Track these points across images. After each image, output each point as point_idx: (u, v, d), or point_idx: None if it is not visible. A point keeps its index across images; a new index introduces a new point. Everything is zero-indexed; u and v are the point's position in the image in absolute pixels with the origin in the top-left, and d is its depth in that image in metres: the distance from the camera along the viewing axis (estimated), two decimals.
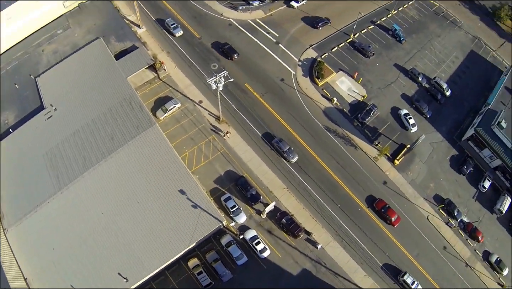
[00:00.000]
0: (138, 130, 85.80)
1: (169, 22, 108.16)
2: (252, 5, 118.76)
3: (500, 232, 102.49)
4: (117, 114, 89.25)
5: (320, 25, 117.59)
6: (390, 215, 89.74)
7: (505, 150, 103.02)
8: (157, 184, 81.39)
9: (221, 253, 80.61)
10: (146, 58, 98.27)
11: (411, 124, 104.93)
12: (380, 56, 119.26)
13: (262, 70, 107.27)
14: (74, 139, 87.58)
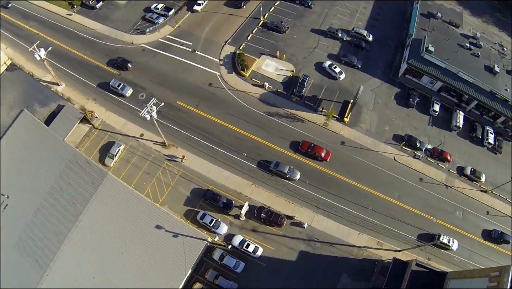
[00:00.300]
0: (95, 185, 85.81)
1: (114, 84, 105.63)
2: (158, 23, 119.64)
3: (464, 145, 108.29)
4: (69, 178, 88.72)
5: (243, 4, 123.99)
6: (319, 152, 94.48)
7: (441, 70, 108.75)
8: (133, 229, 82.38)
9: (219, 268, 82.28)
10: (75, 114, 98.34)
11: (338, 73, 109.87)
12: (295, 27, 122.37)
13: (189, 83, 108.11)
14: (37, 219, 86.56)
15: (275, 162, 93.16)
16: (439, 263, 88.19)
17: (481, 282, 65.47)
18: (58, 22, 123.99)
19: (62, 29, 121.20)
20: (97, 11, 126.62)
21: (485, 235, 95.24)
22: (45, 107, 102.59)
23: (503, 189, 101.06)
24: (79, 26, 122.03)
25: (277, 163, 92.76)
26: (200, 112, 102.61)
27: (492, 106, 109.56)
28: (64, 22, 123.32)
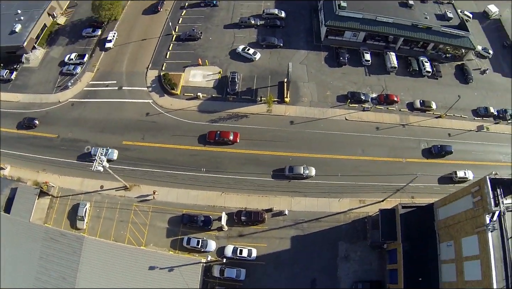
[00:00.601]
0: (77, 253, 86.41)
1: (95, 152, 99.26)
2: (77, 73, 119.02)
3: (406, 82, 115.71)
4: (50, 256, 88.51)
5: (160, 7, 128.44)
6: (225, 136, 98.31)
7: (360, 21, 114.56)
8: (128, 279, 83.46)
9: (223, 283, 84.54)
10: (31, 191, 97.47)
11: (252, 54, 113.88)
12: (209, 30, 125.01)
13: (127, 120, 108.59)
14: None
15: (289, 167, 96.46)
16: (423, 197, 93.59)
17: (467, 201, 69.87)
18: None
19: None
20: (14, 82, 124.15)
21: (427, 153, 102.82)
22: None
23: (456, 108, 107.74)
24: (2, 104, 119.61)
25: (291, 168, 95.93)
26: (148, 144, 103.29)
27: (418, 38, 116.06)
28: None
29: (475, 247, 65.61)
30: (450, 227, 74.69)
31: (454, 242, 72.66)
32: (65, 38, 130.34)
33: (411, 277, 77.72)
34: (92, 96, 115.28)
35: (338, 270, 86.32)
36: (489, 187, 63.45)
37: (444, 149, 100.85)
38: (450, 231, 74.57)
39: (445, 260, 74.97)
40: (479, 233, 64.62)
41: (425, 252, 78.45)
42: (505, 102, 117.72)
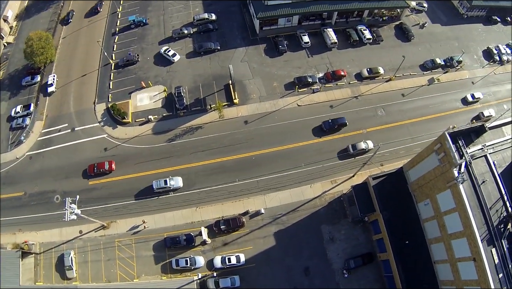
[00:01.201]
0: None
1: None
2: (27, 125, 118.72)
3: (349, 54, 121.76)
4: None
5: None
6: (102, 167, 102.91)
7: (290, 6, 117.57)
8: None
9: None
10: (13, 255, 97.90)
11: (171, 56, 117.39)
12: (145, 50, 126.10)
13: (87, 160, 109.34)
14: None
15: None
16: (392, 163, 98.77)
17: (432, 159, 74.30)
18: None
19: None
20: None
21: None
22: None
23: (403, 68, 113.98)
24: None
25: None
26: (114, 179, 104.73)
27: (350, 8, 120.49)
28: None
29: (451, 201, 69.91)
30: (423, 186, 79.19)
31: (430, 200, 77.27)
32: (7, 92, 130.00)
33: (398, 242, 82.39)
34: (48, 144, 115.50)
35: (328, 252, 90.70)
36: (450, 142, 67.67)
37: (336, 122, 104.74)
38: (424, 190, 79.10)
39: (426, 218, 79.78)
40: (451, 187, 68.85)
41: (406, 215, 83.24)
42: (450, 51, 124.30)
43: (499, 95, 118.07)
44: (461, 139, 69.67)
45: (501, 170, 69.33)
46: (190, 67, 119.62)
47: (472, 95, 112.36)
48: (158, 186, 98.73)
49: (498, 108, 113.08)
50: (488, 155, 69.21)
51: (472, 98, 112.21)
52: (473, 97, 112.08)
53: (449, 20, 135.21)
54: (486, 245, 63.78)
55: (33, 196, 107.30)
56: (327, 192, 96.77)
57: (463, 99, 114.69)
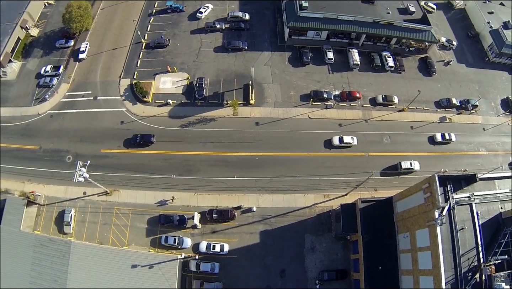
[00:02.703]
0: (65, 257, 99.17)
1: None
2: (54, 85, 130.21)
3: (368, 78, 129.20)
4: (42, 261, 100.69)
5: None
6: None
7: (321, 21, 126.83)
8: (114, 277, 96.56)
9: (200, 276, 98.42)
10: (19, 202, 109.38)
11: None
12: (176, 36, 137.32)
13: (103, 129, 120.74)
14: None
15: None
16: (384, 190, 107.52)
17: (419, 196, 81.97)
18: None
19: None
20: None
21: None
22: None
23: (418, 101, 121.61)
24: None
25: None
26: (125, 151, 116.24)
27: (380, 34, 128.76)
28: None
29: (427, 239, 77.24)
30: (406, 219, 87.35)
31: (409, 233, 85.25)
32: (40, 50, 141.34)
33: (372, 266, 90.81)
34: (70, 107, 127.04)
35: (306, 260, 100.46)
36: (437, 184, 74.55)
37: (143, 138, 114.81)
38: (406, 224, 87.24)
39: (403, 250, 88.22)
40: (430, 227, 75.98)
41: (385, 242, 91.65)
42: (468, 93, 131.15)
43: (507, 146, 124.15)
44: (451, 184, 76.70)
45: (483, 220, 76.08)
46: (215, 61, 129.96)
47: (442, 135, 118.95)
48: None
49: (503, 159, 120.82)
50: (474, 204, 76.13)
51: (441, 139, 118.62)
52: (443, 137, 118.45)
53: (475, 63, 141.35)
54: (449, 287, 71.43)
55: (47, 152, 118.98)
56: (318, 204, 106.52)
57: (470, 143, 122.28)
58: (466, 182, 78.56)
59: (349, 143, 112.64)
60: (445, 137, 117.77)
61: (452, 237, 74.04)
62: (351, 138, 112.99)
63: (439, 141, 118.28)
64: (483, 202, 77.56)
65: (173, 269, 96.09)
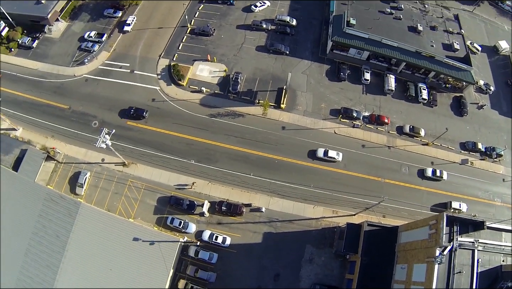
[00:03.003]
0: (72, 216, 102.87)
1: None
2: (95, 51, 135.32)
3: (400, 105, 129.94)
4: (48, 215, 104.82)
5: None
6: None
7: (365, 41, 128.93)
8: (114, 246, 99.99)
9: (196, 263, 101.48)
10: (39, 155, 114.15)
11: None
12: (222, 28, 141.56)
13: (134, 102, 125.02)
14: (29, 258, 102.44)
15: None
16: (392, 218, 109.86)
17: (424, 231, 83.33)
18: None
19: (6, 75, 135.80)
20: (34, 50, 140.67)
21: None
22: (9, 155, 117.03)
23: (444, 138, 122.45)
24: (21, 69, 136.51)
25: None
26: (150, 128, 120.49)
27: (420, 65, 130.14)
28: (5, 68, 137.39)
29: (423, 275, 78.32)
30: (407, 251, 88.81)
31: (408, 265, 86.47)
32: (87, 15, 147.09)
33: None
34: (106, 75, 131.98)
35: (301, 270, 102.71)
36: (444, 223, 76.04)
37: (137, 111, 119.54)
38: (406, 255, 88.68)
39: (397, 280, 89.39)
40: (428, 263, 77.43)
41: (382, 269, 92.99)
42: (495, 141, 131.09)
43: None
44: (458, 226, 77.77)
45: (482, 269, 76.56)
46: (255, 59, 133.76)
47: (433, 171, 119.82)
48: None
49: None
50: (476, 251, 76.88)
51: (432, 174, 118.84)
52: (433, 173, 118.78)
53: (508, 112, 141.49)
54: None
55: (75, 113, 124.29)
56: (325, 218, 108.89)
57: (487, 191, 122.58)
58: (473, 227, 78.39)
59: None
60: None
61: (448, 278, 74.72)
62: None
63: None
64: (486, 250, 77.45)
65: (172, 250, 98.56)
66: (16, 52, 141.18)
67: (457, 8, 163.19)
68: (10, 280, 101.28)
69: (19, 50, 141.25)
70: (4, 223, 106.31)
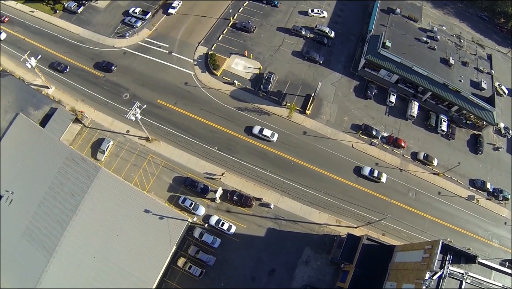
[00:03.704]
0: (90, 178, 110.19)
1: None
2: (137, 27, 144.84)
3: (418, 132, 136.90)
4: (67, 174, 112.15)
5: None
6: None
7: (397, 65, 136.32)
8: (125, 214, 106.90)
9: (199, 244, 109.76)
10: (68, 115, 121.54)
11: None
12: (263, 27, 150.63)
13: (167, 82, 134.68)
14: (42, 210, 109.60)
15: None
16: (390, 237, 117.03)
17: (419, 254, 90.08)
18: (42, 27, 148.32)
19: (47, 34, 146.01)
20: (78, 15, 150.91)
21: None
22: (38, 110, 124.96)
23: (455, 171, 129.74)
24: (63, 31, 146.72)
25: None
26: (178, 109, 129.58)
27: (445, 97, 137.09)
28: (48, 27, 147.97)
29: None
30: (399, 271, 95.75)
31: (397, 284, 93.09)
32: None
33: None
34: (144, 51, 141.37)
35: (296, 270, 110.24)
36: (439, 250, 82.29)
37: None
38: (397, 274, 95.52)
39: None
40: (417, 285, 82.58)
41: (372, 283, 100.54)
42: (505, 184, 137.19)
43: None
44: (451, 255, 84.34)
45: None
46: (289, 63, 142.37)
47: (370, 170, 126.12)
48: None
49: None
50: (464, 282, 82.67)
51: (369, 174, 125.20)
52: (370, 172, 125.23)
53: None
54: None
55: (108, 83, 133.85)
56: (328, 225, 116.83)
57: (487, 230, 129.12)
58: (465, 260, 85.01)
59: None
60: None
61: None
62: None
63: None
64: (474, 285, 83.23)
65: (179, 228, 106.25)
66: (60, 14, 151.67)
67: (492, 48, 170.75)
68: (19, 227, 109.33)
69: (64, 14, 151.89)
70: (23, 172, 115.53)
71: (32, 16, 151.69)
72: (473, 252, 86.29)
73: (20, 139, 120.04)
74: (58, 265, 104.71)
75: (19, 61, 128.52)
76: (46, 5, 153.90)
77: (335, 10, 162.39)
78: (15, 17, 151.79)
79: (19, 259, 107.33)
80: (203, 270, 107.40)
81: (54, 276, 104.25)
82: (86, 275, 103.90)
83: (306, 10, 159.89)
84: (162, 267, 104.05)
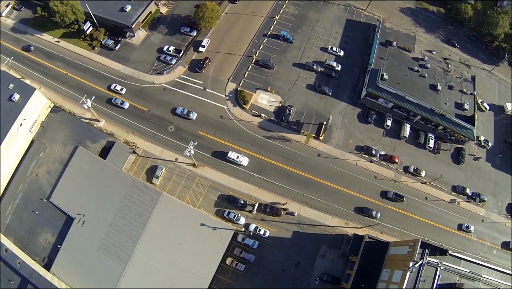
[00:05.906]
0: (153, 201, 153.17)
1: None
2: (172, 64, 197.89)
3: (410, 149, 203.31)
4: (132, 198, 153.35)
5: None
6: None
7: (392, 95, 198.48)
8: (185, 227, 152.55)
9: (242, 247, 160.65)
10: (126, 148, 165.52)
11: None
12: (281, 63, 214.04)
13: (205, 116, 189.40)
14: (113, 228, 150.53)
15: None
16: (386, 235, 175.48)
17: (405, 248, 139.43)
18: (82, 63, 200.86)
19: (89, 70, 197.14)
20: (115, 52, 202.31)
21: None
22: (96, 143, 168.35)
23: (440, 180, 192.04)
24: (103, 67, 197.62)
25: None
26: (217, 139, 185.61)
27: (431, 120, 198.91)
28: (87, 63, 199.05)
29: (399, 278, 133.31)
30: (392, 260, 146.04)
31: (390, 270, 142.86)
32: (165, 28, 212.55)
33: (358, 282, 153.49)
34: (181, 88, 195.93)
35: (316, 262, 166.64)
36: (419, 246, 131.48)
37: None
38: (391, 263, 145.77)
39: (382, 280, 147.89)
40: (403, 271, 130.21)
41: (373, 270, 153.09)
42: (483, 188, 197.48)
43: (496, 241, 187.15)
44: (429, 249, 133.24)
45: (441, 282, 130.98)
46: (304, 96, 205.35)
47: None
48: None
49: (488, 250, 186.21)
50: (439, 269, 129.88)
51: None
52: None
53: (501, 166, 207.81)
54: None
55: (153, 116, 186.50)
56: (338, 227, 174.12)
57: (460, 225, 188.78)
58: (440, 252, 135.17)
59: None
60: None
61: (415, 282, 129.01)
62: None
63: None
64: (446, 270, 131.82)
65: (228, 235, 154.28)
66: (98, 50, 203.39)
67: (478, 66, 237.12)
68: (94, 243, 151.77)
69: (101, 50, 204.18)
70: (91, 198, 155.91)
71: (71, 51, 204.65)
72: (445, 247, 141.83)
73: (83, 169, 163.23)
74: (133, 271, 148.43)
75: (65, 95, 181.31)
76: (83, 41, 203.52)
77: (341, 43, 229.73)
78: (55, 52, 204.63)
79: (98, 268, 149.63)
80: (246, 266, 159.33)
81: (130, 280, 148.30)
82: (157, 277, 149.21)
83: (317, 45, 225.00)
84: (216, 266, 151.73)
